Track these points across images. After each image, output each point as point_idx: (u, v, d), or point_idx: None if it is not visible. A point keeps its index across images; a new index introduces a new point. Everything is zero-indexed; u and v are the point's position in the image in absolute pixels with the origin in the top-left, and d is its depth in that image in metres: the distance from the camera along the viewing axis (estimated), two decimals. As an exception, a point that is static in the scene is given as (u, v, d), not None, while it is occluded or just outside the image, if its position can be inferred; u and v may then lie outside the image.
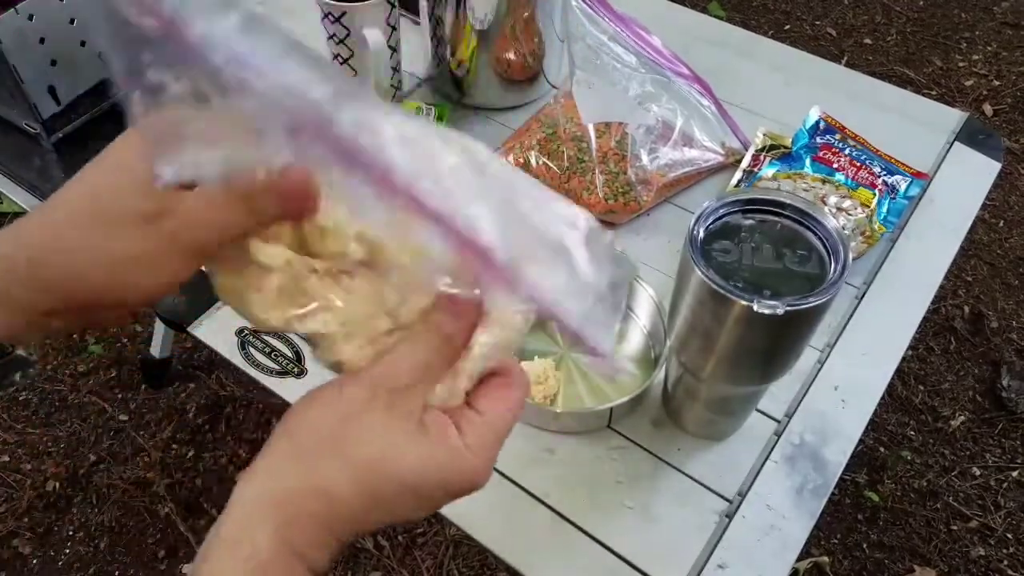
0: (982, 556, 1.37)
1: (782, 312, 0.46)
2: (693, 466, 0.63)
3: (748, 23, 2.35)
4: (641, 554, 0.59)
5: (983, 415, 1.54)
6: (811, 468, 0.63)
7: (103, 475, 1.45)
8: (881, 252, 0.78)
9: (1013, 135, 2.05)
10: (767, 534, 0.60)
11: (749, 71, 0.97)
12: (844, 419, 0.66)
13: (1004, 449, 1.50)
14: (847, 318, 0.73)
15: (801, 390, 0.68)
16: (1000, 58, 2.25)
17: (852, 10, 2.41)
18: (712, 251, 0.50)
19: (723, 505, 0.61)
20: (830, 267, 0.49)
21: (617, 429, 0.66)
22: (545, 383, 0.66)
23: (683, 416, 0.64)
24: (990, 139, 0.89)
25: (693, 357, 0.56)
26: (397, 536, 1.37)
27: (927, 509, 1.42)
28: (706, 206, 0.51)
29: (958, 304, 1.71)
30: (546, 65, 0.90)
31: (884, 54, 2.27)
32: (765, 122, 0.87)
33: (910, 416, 1.54)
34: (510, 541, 0.60)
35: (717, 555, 0.59)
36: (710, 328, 0.51)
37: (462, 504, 0.60)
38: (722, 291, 0.47)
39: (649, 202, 0.79)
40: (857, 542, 1.38)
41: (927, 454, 1.49)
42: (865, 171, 0.78)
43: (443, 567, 1.34)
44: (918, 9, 2.41)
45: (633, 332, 0.72)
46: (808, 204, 0.51)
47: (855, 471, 1.45)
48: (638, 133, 0.79)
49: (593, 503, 0.61)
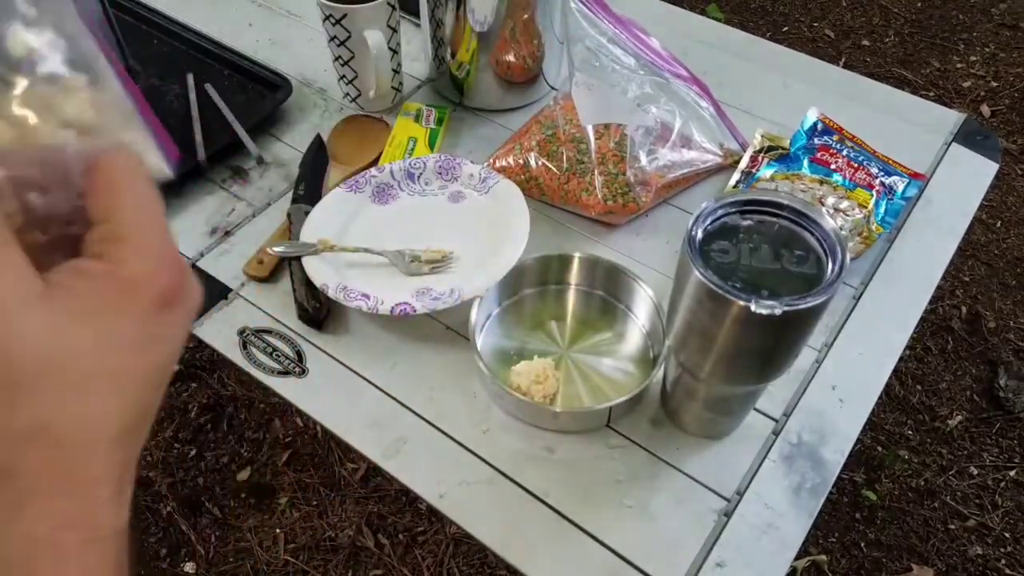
0: (979, 555, 1.37)
1: (780, 312, 0.46)
2: (692, 465, 0.64)
3: (746, 25, 2.35)
4: (640, 552, 0.59)
5: (980, 415, 1.55)
6: (809, 467, 0.64)
7: (104, 475, 1.46)
8: (879, 252, 0.78)
9: (1011, 136, 2.05)
10: (765, 533, 0.60)
11: (747, 73, 0.97)
12: (842, 418, 0.67)
13: (1001, 448, 1.50)
14: (845, 318, 0.73)
15: (799, 390, 0.68)
16: (998, 59, 2.26)
17: (850, 12, 2.42)
18: (710, 251, 0.51)
19: (721, 504, 0.62)
20: (828, 267, 0.50)
21: (616, 428, 0.66)
22: (544, 383, 0.66)
23: (682, 415, 0.65)
24: (987, 140, 0.90)
25: (692, 357, 0.57)
26: (398, 534, 1.38)
27: (925, 508, 1.43)
28: (704, 207, 0.51)
29: (955, 304, 1.72)
30: (545, 67, 0.90)
31: (882, 56, 2.27)
32: (763, 123, 0.88)
33: (908, 416, 1.55)
34: (510, 539, 0.60)
35: (715, 553, 0.59)
36: (708, 328, 0.52)
37: (462, 504, 0.61)
38: (720, 291, 0.48)
39: (648, 203, 0.79)
40: (855, 541, 1.39)
41: (925, 453, 1.49)
42: (863, 172, 0.79)
43: (443, 565, 1.34)
44: (916, 11, 2.42)
45: (632, 332, 0.72)
46: (806, 205, 0.51)
47: (853, 470, 1.46)
48: (637, 134, 0.80)
49: (592, 502, 0.62)
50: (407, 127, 0.87)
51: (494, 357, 0.70)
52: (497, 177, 0.79)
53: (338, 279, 0.71)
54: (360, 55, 0.85)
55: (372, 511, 1.41)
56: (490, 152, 0.86)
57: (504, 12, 0.82)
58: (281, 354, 0.71)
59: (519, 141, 0.83)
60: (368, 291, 0.70)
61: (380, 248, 0.74)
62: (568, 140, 0.80)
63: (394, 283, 0.72)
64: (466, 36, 0.85)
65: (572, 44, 0.81)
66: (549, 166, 0.79)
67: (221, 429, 1.52)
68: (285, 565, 1.35)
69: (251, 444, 1.50)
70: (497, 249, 0.72)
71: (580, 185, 0.78)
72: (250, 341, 0.71)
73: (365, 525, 1.39)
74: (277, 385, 0.69)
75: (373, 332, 0.72)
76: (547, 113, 0.85)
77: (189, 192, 0.83)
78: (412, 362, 0.70)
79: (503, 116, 0.92)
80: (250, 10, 1.06)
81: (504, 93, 0.91)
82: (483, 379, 0.67)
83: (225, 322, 0.73)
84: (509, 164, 0.81)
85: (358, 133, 0.88)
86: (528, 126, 0.85)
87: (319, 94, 0.94)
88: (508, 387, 0.64)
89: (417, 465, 0.64)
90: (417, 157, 0.82)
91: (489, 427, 0.66)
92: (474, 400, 0.68)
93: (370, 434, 0.66)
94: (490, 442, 0.65)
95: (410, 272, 0.72)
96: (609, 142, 0.79)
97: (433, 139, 0.86)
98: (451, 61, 0.88)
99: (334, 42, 0.85)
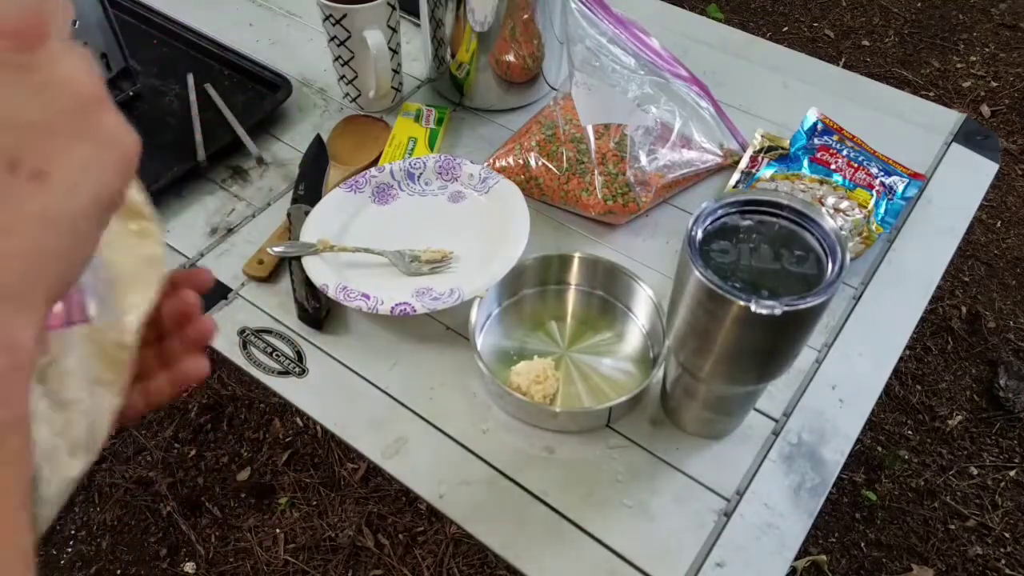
0: (979, 555, 1.37)
1: (780, 312, 0.46)
2: (691, 465, 0.64)
3: (746, 25, 2.35)
4: (640, 552, 0.59)
5: (980, 415, 1.55)
6: (809, 467, 0.64)
7: (105, 474, 1.46)
8: (878, 253, 0.78)
9: (1011, 136, 2.05)
10: (765, 533, 0.60)
11: (747, 73, 0.97)
12: (842, 418, 0.67)
13: (1001, 448, 1.50)
14: (845, 318, 0.73)
15: (799, 390, 0.68)
16: (998, 59, 2.26)
17: (850, 12, 2.42)
18: (710, 251, 0.51)
19: (721, 504, 0.62)
20: (828, 268, 0.50)
21: (616, 428, 0.66)
22: (544, 383, 0.66)
23: (682, 415, 0.65)
24: (987, 140, 0.90)
25: (691, 357, 0.57)
26: (398, 535, 1.38)
27: (925, 508, 1.43)
28: (704, 207, 0.51)
29: (955, 304, 1.72)
30: (545, 67, 0.90)
31: (882, 56, 2.27)
32: (763, 123, 0.88)
33: (908, 416, 1.55)
34: (510, 539, 0.60)
35: (715, 553, 0.59)
36: (708, 328, 0.52)
37: (462, 504, 0.61)
38: (720, 291, 0.48)
39: (648, 203, 0.79)
40: (855, 541, 1.39)
41: (924, 453, 1.49)
42: (863, 172, 0.79)
43: (443, 565, 1.34)
44: (916, 11, 2.42)
45: (632, 332, 0.72)
46: (806, 205, 0.51)
47: (853, 470, 1.46)
48: (637, 134, 0.80)
49: (592, 502, 0.62)
50: (407, 127, 0.87)
51: (494, 357, 0.70)
52: (497, 177, 0.79)
53: (338, 279, 0.71)
54: (360, 55, 0.85)
55: (372, 511, 1.41)
56: (490, 152, 0.86)
57: (504, 12, 0.82)
58: (281, 354, 0.71)
59: (519, 141, 0.83)
60: (368, 291, 0.70)
61: (380, 248, 0.74)
62: (568, 140, 0.80)
63: (394, 283, 0.72)
64: (466, 36, 0.85)
65: (572, 44, 0.81)
66: (549, 166, 0.79)
67: (221, 429, 1.52)
68: (285, 565, 1.35)
69: (251, 444, 1.50)
70: (497, 249, 0.72)
71: (580, 185, 0.78)
72: (250, 341, 0.71)
73: (365, 525, 1.39)
74: (277, 385, 0.69)
75: (373, 332, 0.72)
76: (547, 113, 0.85)
77: (189, 192, 0.83)
78: (412, 362, 0.70)
79: (503, 116, 0.92)
80: (250, 10, 1.06)
81: (504, 93, 0.91)
82: (483, 379, 0.67)
83: (225, 322, 0.73)
84: (509, 164, 0.81)
85: (358, 133, 0.88)
86: (528, 126, 0.85)
87: (319, 94, 0.94)
88: (508, 387, 0.64)
89: (417, 465, 0.64)
90: (417, 157, 0.82)
91: (489, 427, 0.66)
92: (474, 400, 0.68)
93: (370, 434, 0.66)
94: (490, 442, 0.65)
95: (410, 272, 0.72)
96: (609, 142, 0.79)
97: (433, 139, 0.86)
98: (451, 61, 0.88)
99: (334, 42, 0.85)
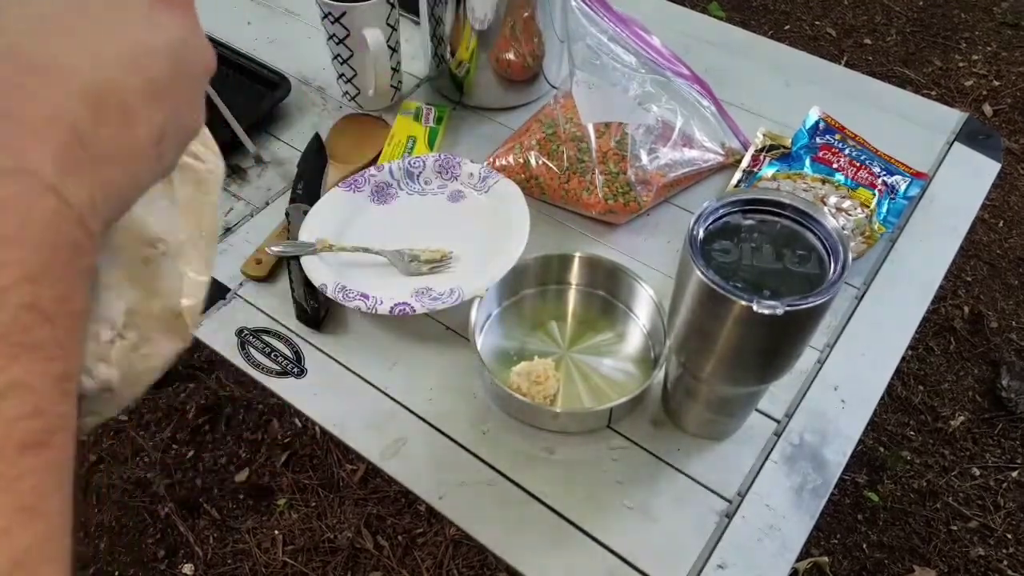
0: (982, 556, 1.37)
1: (781, 312, 0.46)
2: (693, 466, 0.63)
3: (748, 23, 2.35)
4: (641, 554, 0.59)
5: (983, 415, 1.54)
6: (811, 468, 0.63)
7: (103, 475, 1.45)
8: (881, 252, 0.78)
9: (1013, 135, 2.05)
10: (767, 534, 0.60)
11: (749, 71, 0.97)
12: (844, 419, 0.66)
13: (1004, 449, 1.50)
14: (847, 318, 0.73)
15: (801, 390, 0.68)
16: (1000, 58, 2.25)
17: (852, 10, 2.42)
18: (712, 251, 0.50)
19: (723, 505, 0.61)
20: (830, 267, 0.49)
21: (617, 429, 0.66)
22: (545, 383, 0.66)
23: (683, 416, 0.64)
24: (990, 139, 0.89)
25: (693, 357, 0.56)
26: (397, 536, 1.37)
27: (927, 509, 1.42)
28: (706, 206, 0.51)
29: (958, 304, 1.71)
30: (546, 65, 0.90)
31: (884, 54, 2.27)
32: (765, 122, 0.87)
33: (910, 416, 1.54)
34: (510, 541, 0.60)
35: (717, 555, 0.59)
36: (710, 328, 0.51)
37: (462, 505, 0.61)
38: (722, 291, 0.47)
39: (649, 202, 0.79)
40: (857, 542, 1.38)
41: (927, 454, 1.49)
42: (865, 171, 0.78)
43: (443, 567, 1.34)
44: (918, 9, 2.41)
45: (633, 332, 0.72)
46: (808, 204, 0.51)
47: (855, 471, 1.46)
48: (638, 133, 0.79)
49: (593, 503, 0.61)
50: (406, 126, 0.87)
51: (494, 357, 0.70)
52: (497, 176, 0.79)
53: (337, 279, 0.70)
54: (359, 53, 0.84)
55: (371, 512, 1.40)
56: (490, 151, 0.85)
57: (504, 10, 0.82)
58: (279, 354, 0.70)
59: (519, 140, 0.82)
60: (367, 291, 0.69)
61: (379, 248, 0.73)
62: (569, 139, 0.79)
63: (393, 283, 0.71)
64: (466, 34, 0.84)
65: (573, 42, 0.80)
66: (549, 165, 0.79)
67: (219, 430, 1.51)
68: (284, 567, 1.35)
69: (249, 445, 1.49)
70: (497, 249, 0.71)
71: (581, 184, 0.78)
72: (248, 341, 0.71)
73: (364, 526, 1.38)
74: (275, 386, 0.68)
75: (372, 332, 0.72)
76: (547, 112, 0.84)
77: (187, 191, 0.83)
78: (412, 362, 0.70)
79: (503, 115, 0.91)
80: (249, 8, 1.05)
81: (504, 92, 0.90)
82: (483, 379, 0.67)
83: (223, 322, 0.72)
84: (509, 163, 0.81)
85: (357, 132, 0.88)
86: (528, 125, 0.85)
87: (318, 92, 0.94)
88: (508, 387, 0.64)
89: (416, 466, 0.63)
90: (416, 156, 0.82)
91: (489, 428, 0.66)
92: (474, 400, 0.67)
93: (369, 435, 0.65)
94: (490, 443, 0.65)
95: (409, 272, 0.72)
96: (610, 141, 0.78)
97: (432, 138, 0.86)
98: (451, 59, 0.88)
99: (333, 40, 0.84)
